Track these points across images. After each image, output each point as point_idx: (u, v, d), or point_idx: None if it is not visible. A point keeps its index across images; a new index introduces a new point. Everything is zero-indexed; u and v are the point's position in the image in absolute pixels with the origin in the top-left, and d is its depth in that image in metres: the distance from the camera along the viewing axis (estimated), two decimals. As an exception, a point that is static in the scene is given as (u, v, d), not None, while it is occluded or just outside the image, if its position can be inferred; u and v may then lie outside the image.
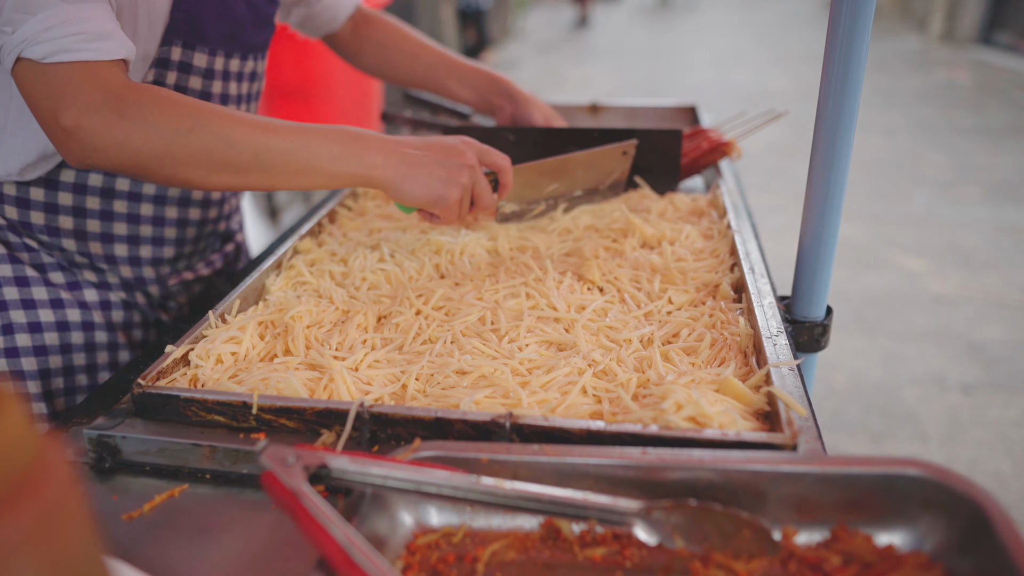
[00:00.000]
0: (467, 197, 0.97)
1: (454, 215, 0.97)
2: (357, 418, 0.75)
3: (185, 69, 1.02)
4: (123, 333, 1.12)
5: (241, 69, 1.10)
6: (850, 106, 0.91)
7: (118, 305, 1.11)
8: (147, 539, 0.66)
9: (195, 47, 1.01)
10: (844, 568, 0.57)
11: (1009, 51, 8.21)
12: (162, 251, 1.13)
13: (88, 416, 0.82)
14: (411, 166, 0.92)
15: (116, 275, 1.11)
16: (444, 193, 0.94)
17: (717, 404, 0.74)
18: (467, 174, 0.95)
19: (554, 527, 0.62)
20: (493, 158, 1.01)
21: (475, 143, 1.00)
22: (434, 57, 1.38)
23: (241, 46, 1.08)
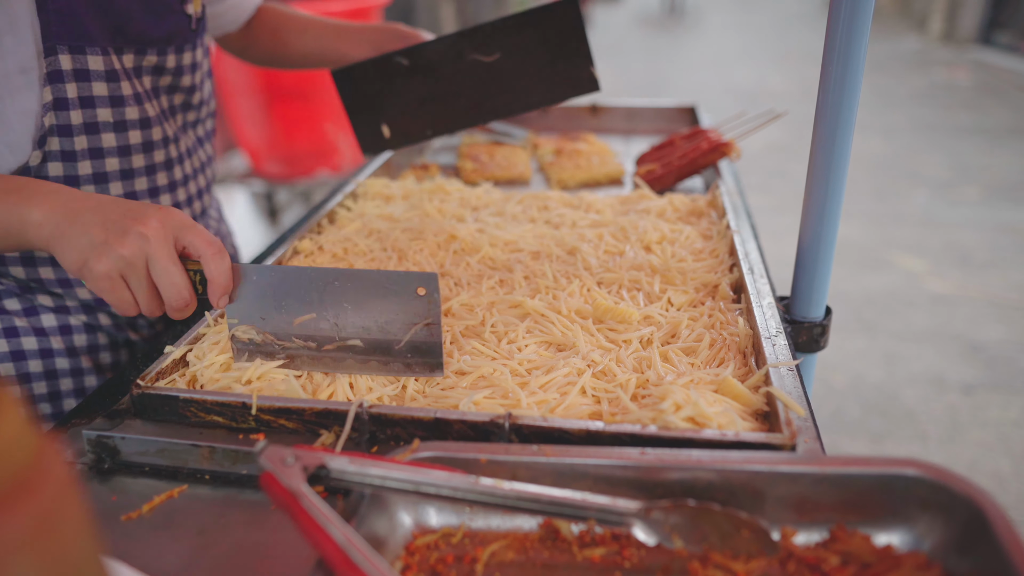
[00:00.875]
0: (135, 276, 0.75)
1: (113, 297, 0.76)
2: (356, 419, 0.75)
3: (83, 77, 0.91)
4: (88, 358, 1.04)
5: (138, 64, 0.98)
6: (849, 106, 0.91)
7: (79, 329, 1.03)
8: (146, 540, 0.66)
9: (84, 49, 0.90)
10: (843, 568, 0.57)
11: (1009, 51, 8.21)
12: None
13: (87, 417, 0.82)
14: (71, 223, 0.74)
15: (74, 298, 1.02)
16: (89, 261, 0.73)
17: (716, 404, 0.74)
18: (133, 245, 0.73)
19: (553, 527, 0.62)
20: (194, 239, 0.77)
21: (179, 216, 0.77)
22: (322, 27, 1.31)
23: (133, 40, 0.96)
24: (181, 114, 1.10)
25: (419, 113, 1.23)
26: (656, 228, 1.19)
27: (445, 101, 1.21)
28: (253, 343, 0.84)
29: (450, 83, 1.19)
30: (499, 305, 0.98)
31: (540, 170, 1.71)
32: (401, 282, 0.79)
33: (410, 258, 1.12)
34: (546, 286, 1.02)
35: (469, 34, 1.16)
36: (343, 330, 0.82)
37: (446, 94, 1.19)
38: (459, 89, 1.20)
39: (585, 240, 1.18)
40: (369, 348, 0.83)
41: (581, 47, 1.14)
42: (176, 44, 1.03)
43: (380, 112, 1.24)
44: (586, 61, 1.15)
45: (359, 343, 0.83)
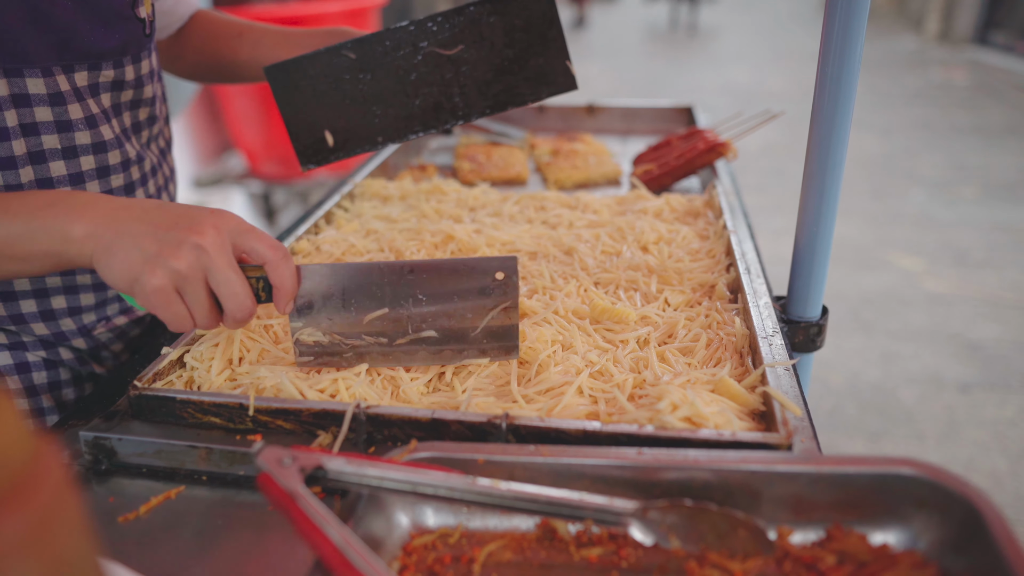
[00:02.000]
0: (192, 289, 0.70)
1: (167, 313, 0.71)
2: (353, 419, 0.75)
3: (23, 102, 0.81)
4: (48, 396, 0.95)
5: (94, 81, 0.88)
6: (845, 106, 0.91)
7: (38, 365, 0.94)
8: (143, 541, 0.66)
9: (21, 72, 0.80)
10: (839, 567, 0.57)
11: (1005, 51, 8.23)
12: (78, 299, 0.94)
13: (84, 418, 0.82)
14: (118, 235, 0.69)
15: (30, 333, 0.93)
16: (141, 275, 0.68)
17: (713, 404, 0.74)
18: (188, 257, 0.68)
19: (550, 527, 0.62)
20: (255, 244, 0.72)
21: (235, 220, 0.73)
22: (260, 33, 1.14)
23: (81, 56, 0.85)
24: (147, 129, 1.00)
25: (368, 117, 1.04)
26: (653, 228, 1.19)
27: (399, 102, 1.03)
28: (320, 345, 0.81)
29: (404, 81, 1.02)
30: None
31: (537, 170, 1.71)
32: (480, 268, 0.78)
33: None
34: (543, 286, 1.02)
35: (427, 23, 0.99)
36: (416, 322, 0.80)
37: (400, 94, 1.03)
38: (416, 88, 1.03)
39: (582, 240, 1.18)
40: (443, 338, 0.81)
41: (555, 38, 1.01)
42: (132, 54, 0.92)
43: (322, 116, 1.04)
44: (560, 54, 1.02)
45: (434, 334, 0.80)
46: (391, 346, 0.81)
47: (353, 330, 0.81)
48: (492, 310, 0.79)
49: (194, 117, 3.83)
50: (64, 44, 0.83)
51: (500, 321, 0.80)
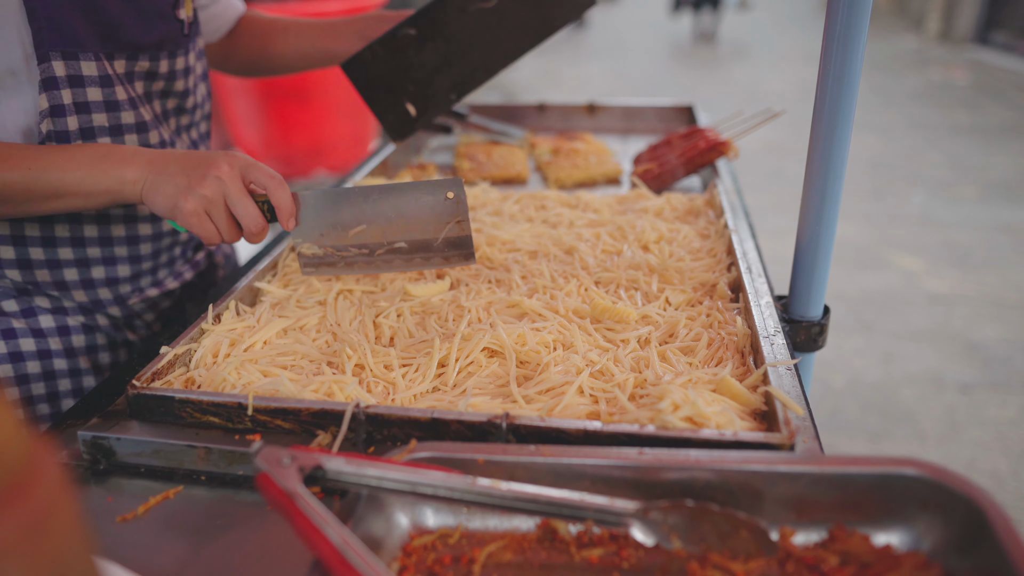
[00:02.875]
0: (216, 211, 0.87)
1: (202, 230, 0.88)
2: (353, 419, 0.74)
3: (77, 83, 0.93)
4: (86, 358, 1.06)
5: (130, 69, 1.00)
6: (847, 106, 0.91)
7: (77, 329, 1.05)
8: (142, 541, 0.66)
9: (77, 56, 0.93)
10: (842, 568, 0.56)
11: (1006, 50, 8.23)
12: (116, 271, 1.06)
13: (83, 418, 0.81)
14: (158, 175, 0.87)
15: (70, 300, 1.04)
16: (179, 202, 0.86)
17: (714, 404, 0.74)
18: (212, 186, 0.86)
19: (551, 528, 0.62)
20: (259, 175, 0.89)
21: (243, 158, 0.90)
22: (303, 27, 1.31)
23: (124, 46, 0.97)
24: (175, 118, 1.10)
25: (438, 80, 1.22)
26: (654, 227, 1.18)
27: (460, 60, 1.20)
28: (316, 257, 0.98)
29: (459, 41, 1.19)
30: (496, 305, 0.97)
31: (537, 169, 1.70)
32: (431, 189, 0.95)
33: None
34: (544, 286, 1.01)
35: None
36: (390, 235, 0.97)
37: (458, 52, 1.19)
38: (470, 43, 1.20)
39: (583, 240, 1.17)
40: (412, 248, 0.98)
41: None
42: (168, 49, 1.04)
43: (400, 91, 1.23)
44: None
45: (404, 244, 0.98)
46: (372, 256, 0.98)
47: (341, 243, 0.97)
48: (448, 223, 0.96)
49: (194, 117, 3.83)
50: (109, 35, 0.96)
51: (456, 232, 0.97)
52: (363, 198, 0.95)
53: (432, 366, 0.84)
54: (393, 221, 0.96)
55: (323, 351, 0.89)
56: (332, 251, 0.98)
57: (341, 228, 0.97)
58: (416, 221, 0.96)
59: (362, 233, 0.97)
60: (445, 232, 0.96)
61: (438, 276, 1.07)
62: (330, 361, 0.88)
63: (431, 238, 0.97)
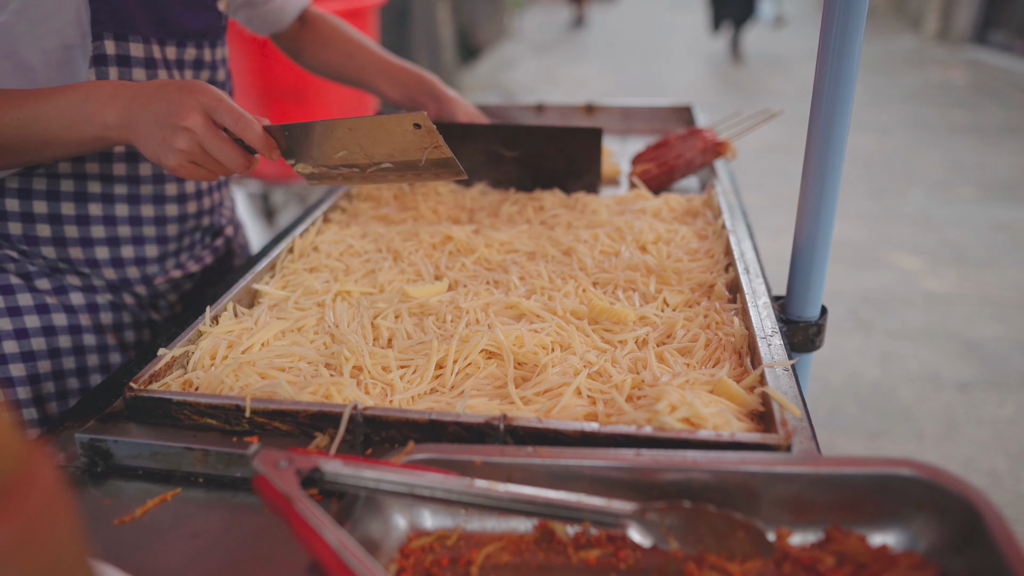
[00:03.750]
0: (199, 157, 0.89)
1: (189, 174, 0.91)
2: (350, 421, 0.74)
3: (124, 63, 1.00)
4: (113, 335, 1.12)
5: (180, 57, 1.07)
6: (844, 105, 0.91)
7: (105, 307, 1.11)
8: (139, 543, 0.65)
9: (127, 37, 0.99)
10: (838, 569, 0.57)
11: (1004, 50, 8.24)
12: (144, 250, 1.12)
13: (80, 420, 0.81)
14: (137, 123, 0.87)
15: (100, 278, 1.10)
16: (161, 158, 0.89)
17: (711, 405, 0.74)
18: (183, 139, 0.87)
19: (548, 529, 0.62)
20: (223, 117, 0.89)
21: (209, 93, 0.88)
22: (367, 57, 1.41)
23: (173, 32, 1.05)
24: None
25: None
26: (652, 228, 1.18)
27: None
28: (315, 174, 1.02)
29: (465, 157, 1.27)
30: (495, 306, 0.98)
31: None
32: (396, 121, 0.95)
33: (405, 259, 1.12)
34: (542, 287, 1.01)
35: (499, 130, 1.36)
36: (373, 157, 0.99)
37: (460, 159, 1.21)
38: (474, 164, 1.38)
39: (581, 241, 1.17)
40: (400, 168, 1.01)
41: (593, 165, 1.38)
42: (210, 39, 1.11)
43: None
44: (594, 176, 1.39)
45: (390, 165, 1.00)
46: (364, 172, 1.01)
47: (330, 164, 1.01)
48: (426, 147, 0.97)
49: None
50: (160, 20, 1.02)
51: (437, 155, 0.99)
52: (332, 130, 0.96)
53: (430, 368, 0.84)
54: (371, 148, 0.98)
55: (321, 353, 0.89)
56: (325, 169, 1.02)
57: (324, 153, 1.00)
58: (393, 147, 0.98)
59: (345, 157, 1.00)
60: (426, 155, 0.98)
61: (436, 277, 1.07)
62: (328, 363, 0.88)
63: (414, 159, 0.99)
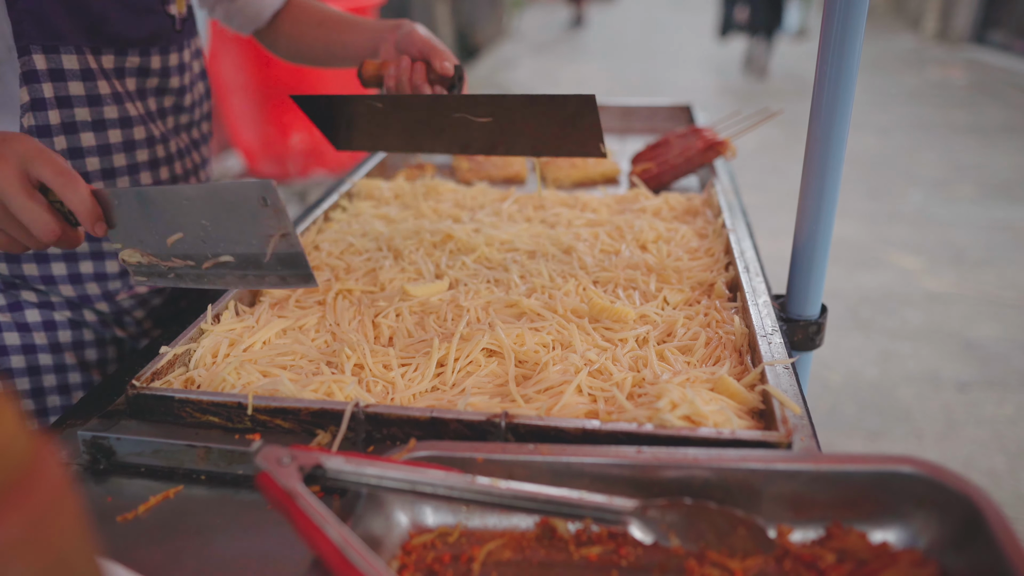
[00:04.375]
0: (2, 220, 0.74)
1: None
2: (352, 418, 0.74)
3: (58, 76, 0.91)
4: (72, 354, 1.04)
5: (120, 65, 0.97)
6: (844, 105, 0.91)
7: (64, 325, 1.03)
8: (142, 540, 0.66)
9: (58, 49, 0.90)
10: (839, 566, 0.57)
11: (1003, 50, 8.24)
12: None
13: (82, 417, 0.81)
14: None
15: (58, 294, 1.02)
16: None
17: (712, 403, 0.74)
18: None
19: (550, 526, 0.62)
20: (44, 171, 0.73)
21: (25, 148, 0.73)
22: (337, 18, 1.25)
23: (110, 41, 0.95)
24: (172, 116, 1.08)
25: (392, 135, 1.14)
26: (652, 227, 1.19)
27: (424, 134, 1.11)
28: (143, 266, 0.84)
29: (433, 126, 1.09)
30: (495, 304, 0.98)
31: (535, 169, 1.70)
32: (241, 193, 0.77)
33: (406, 257, 1.12)
34: (542, 285, 1.02)
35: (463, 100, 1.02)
36: (214, 247, 0.81)
37: (427, 130, 1.09)
38: (441, 130, 1.09)
39: (581, 239, 1.18)
40: (241, 263, 0.82)
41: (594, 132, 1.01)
42: (160, 45, 1.02)
43: (350, 127, 1.15)
44: (595, 137, 1.02)
45: (231, 259, 0.82)
46: (199, 268, 0.84)
47: (163, 252, 0.83)
48: (272, 237, 0.79)
49: (192, 117, 3.84)
50: (93, 28, 0.93)
51: (284, 248, 0.80)
52: (171, 200, 0.80)
53: (431, 366, 0.84)
54: (210, 230, 0.80)
55: (322, 351, 0.90)
56: (155, 260, 0.84)
57: (158, 234, 0.82)
58: (235, 231, 0.80)
59: (181, 241, 0.82)
60: (272, 246, 0.80)
61: (437, 276, 1.08)
62: (329, 361, 0.88)
63: (258, 252, 0.81)
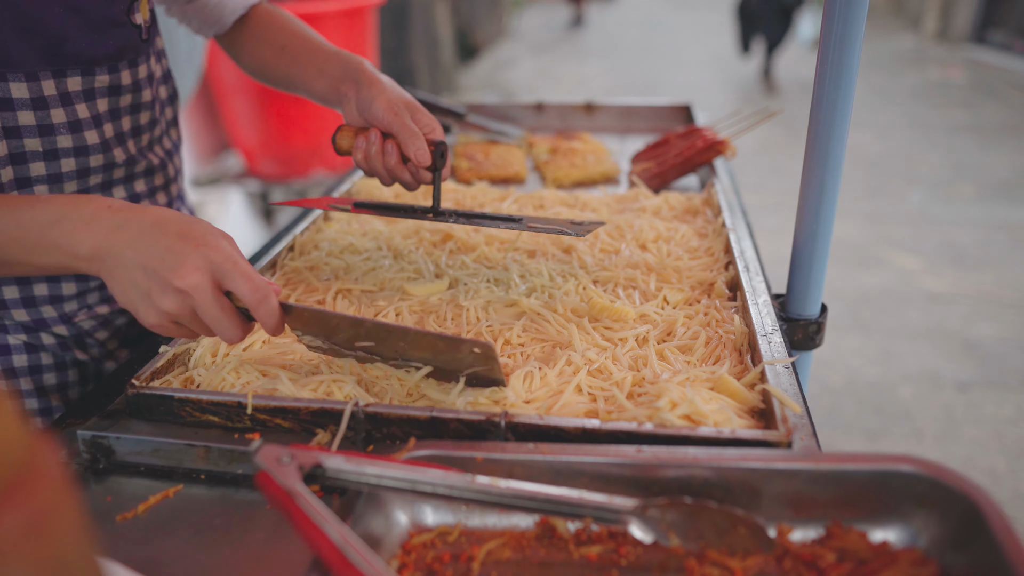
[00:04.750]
0: (188, 322, 0.74)
1: (166, 334, 0.76)
2: (352, 418, 0.74)
3: (7, 106, 0.85)
4: (28, 379, 0.98)
5: (89, 86, 0.90)
6: (844, 104, 0.91)
7: (19, 349, 0.97)
8: (142, 540, 0.66)
9: (6, 76, 0.84)
10: (839, 565, 0.57)
11: (1003, 49, 8.24)
12: (60, 288, 0.97)
13: (82, 417, 0.81)
14: (115, 263, 0.73)
15: (10, 318, 0.96)
16: (139, 310, 0.73)
17: (712, 402, 0.74)
18: (174, 301, 0.72)
19: (549, 525, 0.62)
20: (238, 285, 0.73)
21: (222, 251, 0.73)
22: (300, 46, 1.11)
23: (73, 61, 0.88)
24: (147, 133, 1.02)
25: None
26: (652, 226, 1.19)
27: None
28: (321, 348, 0.83)
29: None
30: (495, 304, 0.98)
31: (535, 169, 1.70)
32: (455, 346, 0.76)
33: (405, 256, 1.12)
34: (542, 284, 1.02)
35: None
36: (407, 357, 0.81)
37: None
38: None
39: (581, 239, 1.18)
40: (436, 372, 0.81)
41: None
42: (128, 59, 0.94)
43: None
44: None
45: (423, 366, 0.81)
46: (385, 362, 0.82)
47: (347, 347, 0.82)
48: (472, 367, 0.78)
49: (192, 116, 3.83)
50: (53, 50, 0.86)
51: (486, 374, 0.78)
52: (369, 331, 0.79)
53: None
54: (409, 351, 0.79)
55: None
56: (338, 348, 0.83)
57: (343, 339, 0.81)
58: (430, 358, 0.80)
59: (371, 349, 0.81)
60: (468, 371, 0.79)
61: (436, 275, 1.08)
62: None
63: (455, 369, 0.79)
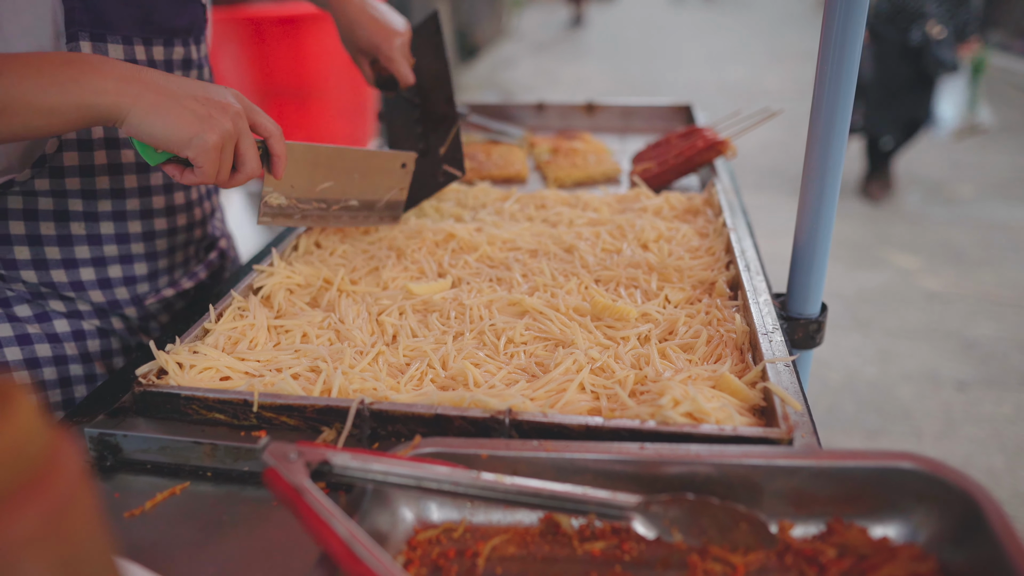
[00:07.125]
0: (230, 149, 0.83)
1: (212, 166, 0.81)
2: (357, 415, 0.75)
3: None
4: (101, 363, 1.03)
5: (168, 57, 0.98)
6: (844, 104, 0.92)
7: (92, 334, 1.02)
8: (149, 537, 0.66)
9: (105, 38, 0.90)
10: (839, 560, 0.57)
11: (1003, 50, 8.25)
12: (133, 269, 1.03)
13: (89, 415, 0.82)
14: (159, 94, 0.76)
15: (87, 302, 1.01)
16: (201, 132, 0.78)
17: (714, 400, 0.75)
18: (231, 119, 0.81)
19: (553, 522, 0.63)
20: (263, 120, 0.87)
21: (246, 99, 0.87)
22: None
23: (160, 31, 0.96)
24: None
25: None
26: (653, 226, 1.19)
27: None
28: (279, 207, 1.04)
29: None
30: (498, 303, 0.98)
31: (537, 169, 1.71)
32: (392, 158, 1.12)
33: (408, 256, 1.13)
34: (544, 284, 1.02)
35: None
36: (347, 193, 1.10)
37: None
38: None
39: (582, 238, 1.18)
40: (361, 206, 1.13)
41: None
42: (195, 35, 1.03)
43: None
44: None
45: (355, 203, 1.12)
46: (327, 211, 1.09)
47: (306, 196, 1.06)
48: (393, 189, 1.15)
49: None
50: (145, 18, 0.94)
51: (395, 197, 1.17)
52: (339, 157, 1.05)
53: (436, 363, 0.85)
54: (355, 181, 1.08)
55: (327, 348, 0.90)
56: (295, 203, 1.05)
57: (311, 182, 1.04)
58: (372, 183, 1.10)
59: (327, 189, 1.07)
60: (388, 196, 1.14)
61: (439, 275, 1.08)
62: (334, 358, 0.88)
63: (376, 199, 1.13)
